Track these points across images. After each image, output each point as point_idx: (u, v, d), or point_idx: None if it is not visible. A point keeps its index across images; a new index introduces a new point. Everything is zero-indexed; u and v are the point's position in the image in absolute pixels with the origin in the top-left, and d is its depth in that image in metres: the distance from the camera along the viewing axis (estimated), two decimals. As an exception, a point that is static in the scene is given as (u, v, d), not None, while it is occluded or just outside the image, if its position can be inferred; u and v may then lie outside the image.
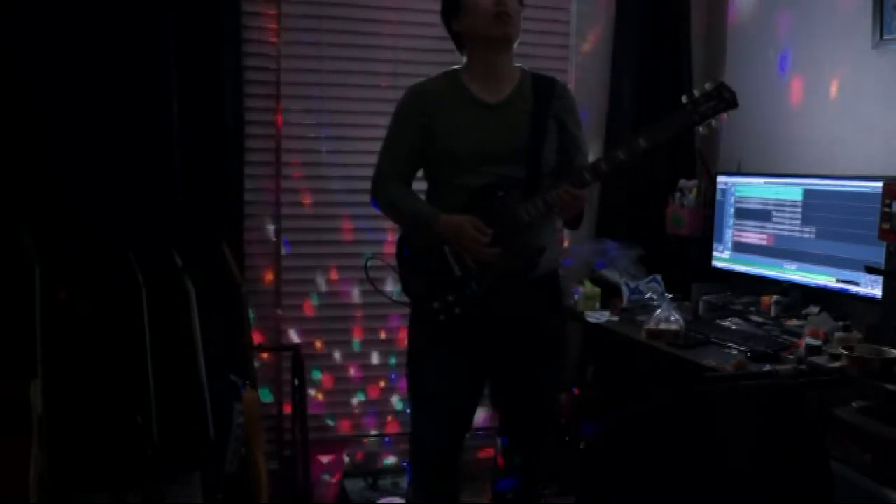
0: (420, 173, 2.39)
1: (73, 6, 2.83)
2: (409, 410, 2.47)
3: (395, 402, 3.39)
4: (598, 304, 3.27)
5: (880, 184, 2.37)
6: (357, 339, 3.38)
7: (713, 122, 2.21)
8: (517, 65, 2.34)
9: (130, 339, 2.81)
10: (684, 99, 2.21)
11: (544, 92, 2.29)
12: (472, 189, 2.24)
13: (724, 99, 2.18)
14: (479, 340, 2.30)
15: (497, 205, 2.23)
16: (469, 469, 2.57)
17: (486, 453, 2.58)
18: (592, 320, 3.17)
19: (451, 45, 2.35)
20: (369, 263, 2.58)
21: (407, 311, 2.43)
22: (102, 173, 2.91)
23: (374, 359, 3.40)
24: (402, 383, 3.32)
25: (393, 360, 3.39)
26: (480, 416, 2.50)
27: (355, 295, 3.34)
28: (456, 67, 2.35)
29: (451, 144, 2.26)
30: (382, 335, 3.39)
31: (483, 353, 2.32)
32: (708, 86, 2.20)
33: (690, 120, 2.19)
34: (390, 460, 3.33)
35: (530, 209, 2.21)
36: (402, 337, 3.31)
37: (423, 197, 2.37)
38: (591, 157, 2.34)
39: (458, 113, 2.27)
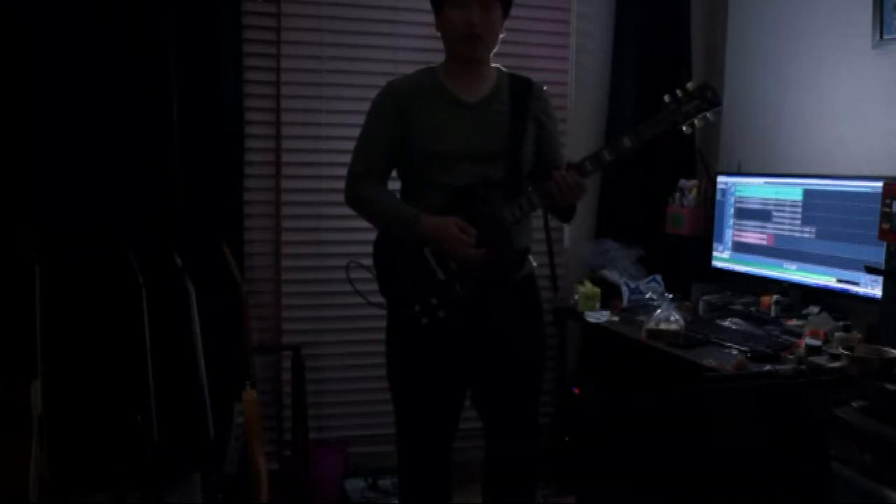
0: (394, 172, 2.35)
1: (73, 6, 2.83)
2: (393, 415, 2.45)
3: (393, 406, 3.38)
4: (598, 304, 3.27)
5: (880, 184, 2.37)
6: (357, 338, 3.38)
7: (696, 121, 2.21)
8: (494, 65, 2.32)
9: (130, 339, 2.82)
10: (667, 98, 2.21)
11: (522, 93, 2.27)
12: (453, 189, 2.20)
13: (707, 99, 2.19)
14: (460, 344, 2.26)
15: (479, 206, 2.19)
16: (464, 469, 2.57)
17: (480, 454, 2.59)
18: (592, 320, 3.17)
19: (450, 45, 2.35)
20: (350, 266, 2.53)
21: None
22: (102, 173, 2.91)
23: (375, 358, 3.38)
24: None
25: (393, 360, 3.39)
26: (474, 415, 2.49)
27: (355, 294, 3.32)
28: (433, 65, 2.31)
29: (430, 143, 2.21)
30: (382, 335, 3.38)
31: (464, 356, 2.28)
32: (691, 85, 2.21)
33: (673, 120, 2.20)
34: (390, 460, 3.33)
35: (515, 210, 2.18)
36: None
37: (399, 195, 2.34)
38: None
39: (435, 111, 2.24)
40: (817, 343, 2.48)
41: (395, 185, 2.35)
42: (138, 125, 2.94)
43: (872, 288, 2.58)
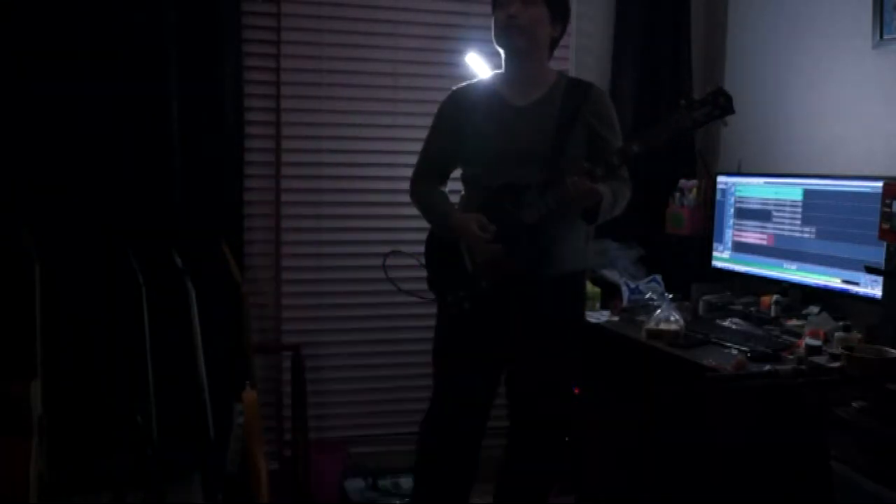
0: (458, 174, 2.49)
1: (74, 5, 2.83)
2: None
3: (396, 401, 3.39)
4: (598, 304, 3.27)
5: (880, 184, 2.37)
6: (357, 338, 3.38)
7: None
8: (556, 69, 2.40)
9: (130, 339, 2.81)
10: (682, 103, 2.22)
11: (575, 97, 2.34)
12: (490, 189, 2.31)
13: (720, 105, 2.19)
14: (490, 335, 2.37)
15: (507, 205, 2.28)
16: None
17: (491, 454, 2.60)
18: (592, 320, 3.16)
19: (450, 45, 2.39)
20: (387, 262, 2.61)
21: (416, 308, 2.47)
22: (102, 173, 2.91)
23: (375, 358, 3.39)
24: (403, 382, 3.33)
25: (394, 360, 3.39)
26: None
27: (356, 294, 3.34)
28: (498, 72, 2.44)
29: (476, 145, 2.34)
30: (383, 334, 3.39)
31: (495, 347, 2.39)
32: (708, 88, 2.22)
33: (683, 125, 2.21)
34: (390, 460, 3.33)
35: (533, 211, 2.26)
36: (403, 336, 3.32)
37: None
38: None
39: (486, 115, 2.34)
40: (817, 343, 2.48)
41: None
42: (138, 125, 2.93)
43: (872, 288, 2.58)
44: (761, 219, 3.05)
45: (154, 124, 2.94)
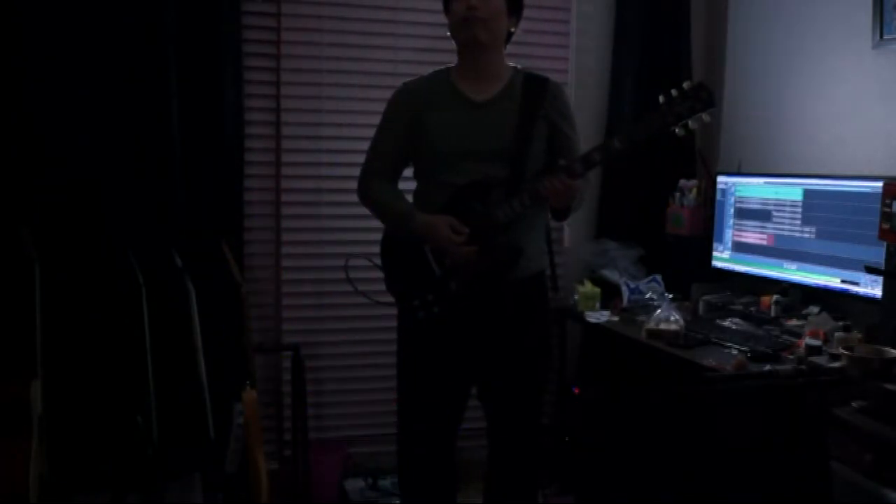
0: (410, 172, 2.40)
1: (74, 5, 2.83)
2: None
3: (396, 401, 3.38)
4: (598, 304, 3.26)
5: (880, 184, 2.37)
6: (357, 338, 3.38)
7: (690, 122, 2.17)
8: (511, 64, 2.34)
9: (130, 339, 2.81)
10: (661, 98, 2.18)
11: (534, 92, 2.27)
12: (454, 187, 2.23)
13: (701, 99, 2.15)
14: (460, 340, 2.30)
15: (476, 204, 2.22)
16: (466, 469, 2.57)
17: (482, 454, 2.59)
18: (592, 320, 3.17)
19: (450, 44, 2.35)
20: (349, 263, 2.54)
21: (393, 310, 2.42)
22: (103, 173, 2.91)
23: (374, 358, 3.39)
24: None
25: (393, 360, 3.38)
26: (477, 415, 2.49)
27: (355, 294, 3.32)
28: (448, 66, 2.35)
29: (436, 142, 2.25)
30: (382, 334, 3.38)
31: (466, 352, 2.31)
32: (686, 85, 2.17)
33: (665, 121, 2.16)
34: (390, 460, 3.33)
35: (507, 209, 2.19)
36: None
37: (412, 194, 2.38)
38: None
39: (444, 111, 2.27)
40: (817, 343, 2.48)
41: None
42: (138, 125, 2.94)
43: (872, 288, 2.58)
44: (761, 219, 3.05)
45: (154, 124, 2.95)
